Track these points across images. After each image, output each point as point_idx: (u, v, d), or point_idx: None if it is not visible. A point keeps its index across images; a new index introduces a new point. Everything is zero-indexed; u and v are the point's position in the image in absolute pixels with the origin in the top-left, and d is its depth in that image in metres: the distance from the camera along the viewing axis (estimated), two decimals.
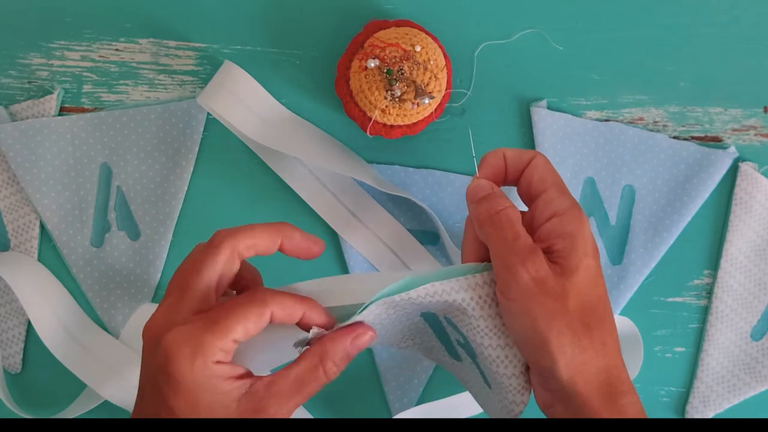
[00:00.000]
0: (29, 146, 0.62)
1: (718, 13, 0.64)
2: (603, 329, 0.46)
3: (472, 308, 0.47)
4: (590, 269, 0.46)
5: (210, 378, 0.43)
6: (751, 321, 0.64)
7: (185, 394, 0.43)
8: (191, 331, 0.43)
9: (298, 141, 0.62)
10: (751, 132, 0.64)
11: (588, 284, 0.46)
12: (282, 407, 0.44)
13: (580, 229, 0.46)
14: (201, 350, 0.42)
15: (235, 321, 0.43)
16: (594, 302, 0.46)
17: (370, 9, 0.63)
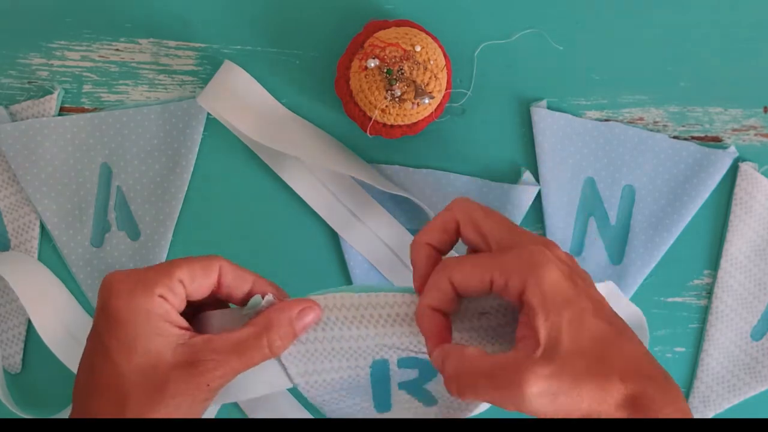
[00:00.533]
0: (29, 146, 0.62)
1: (718, 13, 0.64)
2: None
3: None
4: (569, 325, 0.41)
5: (149, 313, 0.41)
6: (751, 321, 0.64)
7: (122, 330, 0.41)
8: (135, 271, 0.42)
9: (298, 140, 0.62)
10: (751, 132, 0.64)
11: (575, 338, 0.41)
12: (218, 367, 0.42)
13: (545, 293, 0.41)
14: (142, 283, 0.41)
15: (181, 263, 0.43)
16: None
17: (370, 9, 0.63)
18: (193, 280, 0.43)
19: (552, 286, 0.42)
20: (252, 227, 0.64)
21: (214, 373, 0.42)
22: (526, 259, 0.42)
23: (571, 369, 0.41)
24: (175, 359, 0.42)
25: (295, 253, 0.64)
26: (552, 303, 0.41)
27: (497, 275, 0.42)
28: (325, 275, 0.64)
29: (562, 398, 0.40)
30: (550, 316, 0.41)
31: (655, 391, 0.41)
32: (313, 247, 0.64)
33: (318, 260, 0.64)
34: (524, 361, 0.41)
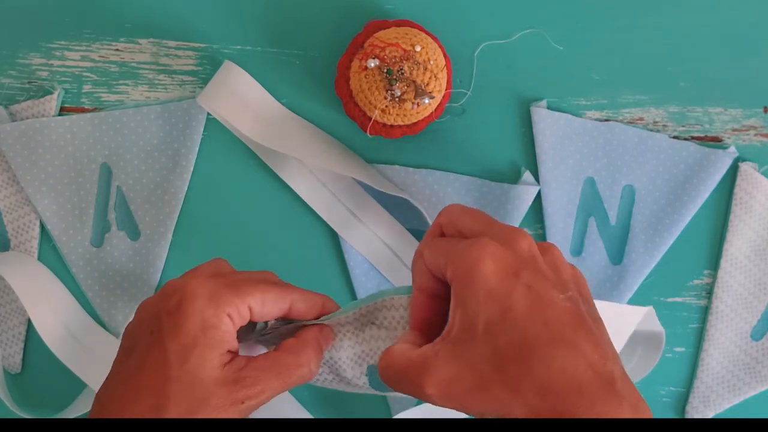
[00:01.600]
0: (29, 146, 0.62)
1: (718, 13, 0.64)
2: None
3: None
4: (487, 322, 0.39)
5: (215, 328, 0.42)
6: (751, 321, 0.64)
7: (186, 336, 0.42)
8: (212, 284, 0.43)
9: (298, 141, 0.62)
10: (751, 132, 0.64)
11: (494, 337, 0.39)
12: (257, 383, 0.43)
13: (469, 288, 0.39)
14: (216, 300, 0.43)
15: (255, 289, 0.44)
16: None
17: (370, 9, 0.63)
18: (262, 308, 0.44)
19: (480, 279, 0.39)
20: (252, 227, 0.64)
21: (253, 390, 0.43)
22: (468, 249, 0.40)
23: (478, 373, 0.38)
24: (222, 375, 0.43)
25: (295, 253, 0.64)
26: (471, 295, 0.39)
27: (442, 261, 0.41)
28: (325, 275, 0.64)
29: (465, 402, 0.39)
30: (463, 309, 0.39)
31: (580, 408, 0.37)
32: (313, 247, 0.64)
33: (318, 260, 0.64)
34: (431, 360, 0.40)
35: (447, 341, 0.40)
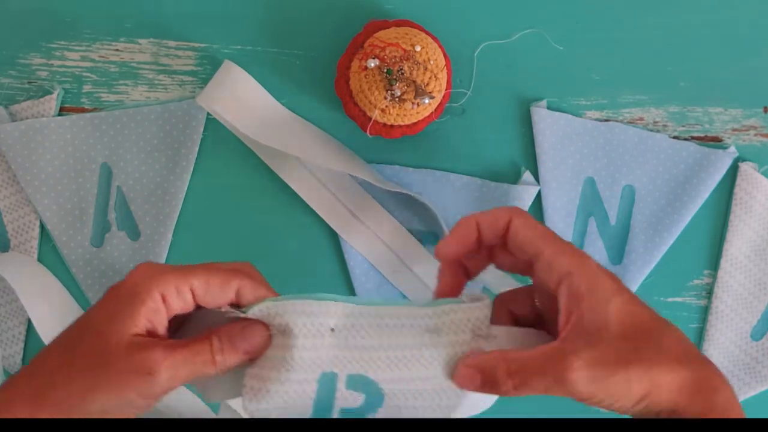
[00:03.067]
0: (29, 146, 0.62)
1: (718, 13, 0.64)
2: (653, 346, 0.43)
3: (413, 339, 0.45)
4: (618, 312, 0.43)
5: (140, 300, 0.42)
6: (751, 321, 0.64)
7: (114, 301, 0.43)
8: (161, 265, 0.44)
9: (297, 140, 0.62)
10: (751, 132, 0.64)
11: (623, 323, 0.43)
12: (166, 357, 0.42)
13: (593, 281, 0.43)
14: (154, 275, 0.43)
15: (201, 271, 0.43)
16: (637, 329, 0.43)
17: (370, 9, 0.63)
18: (206, 293, 0.43)
19: (597, 272, 0.43)
20: (252, 227, 0.64)
21: (157, 365, 0.41)
22: (572, 249, 0.44)
23: (617, 353, 0.41)
24: (127, 342, 0.42)
25: (295, 253, 0.64)
26: (598, 286, 0.43)
27: (542, 261, 0.44)
28: (325, 275, 0.64)
29: (610, 383, 0.41)
30: (595, 301, 0.42)
31: (713, 374, 0.43)
32: (313, 247, 0.64)
33: (318, 260, 0.64)
34: (569, 347, 0.42)
35: (573, 335, 0.42)
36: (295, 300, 0.45)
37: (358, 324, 0.45)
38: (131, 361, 0.41)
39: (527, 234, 0.45)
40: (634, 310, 0.43)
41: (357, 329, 0.45)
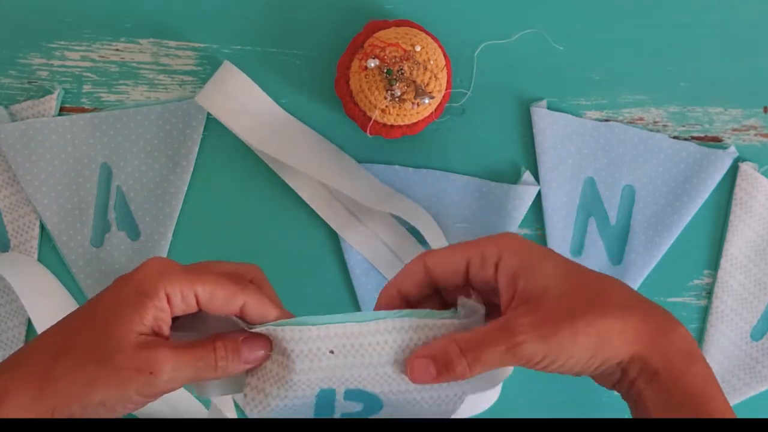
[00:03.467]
0: (29, 146, 0.62)
1: (718, 13, 0.64)
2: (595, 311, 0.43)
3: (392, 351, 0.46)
4: (554, 275, 0.44)
5: (147, 297, 0.42)
6: (751, 321, 0.64)
7: (120, 297, 0.43)
8: (170, 263, 0.44)
9: (293, 148, 0.62)
10: (751, 132, 0.64)
11: (562, 284, 0.44)
12: (168, 360, 0.42)
13: (524, 254, 0.44)
14: (161, 276, 0.43)
15: (209, 279, 0.44)
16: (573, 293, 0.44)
17: (370, 9, 0.63)
18: (209, 302, 0.44)
19: (528, 247, 0.45)
20: (252, 227, 0.64)
21: (160, 365, 0.42)
22: (501, 235, 0.46)
23: (559, 310, 0.43)
24: (132, 340, 0.42)
25: (295, 253, 0.64)
26: (529, 258, 0.44)
27: (474, 252, 0.45)
28: (325, 275, 0.64)
29: (557, 340, 0.42)
30: (525, 270, 0.44)
31: (662, 315, 0.44)
32: (313, 247, 0.64)
33: (318, 260, 0.64)
34: (514, 317, 0.43)
35: (515, 306, 0.44)
36: (295, 326, 0.45)
37: (357, 343, 0.46)
38: (136, 359, 0.42)
39: (445, 263, 0.46)
40: (571, 269, 0.44)
41: (356, 349, 0.46)
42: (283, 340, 0.45)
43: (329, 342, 0.46)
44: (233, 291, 0.44)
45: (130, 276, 0.44)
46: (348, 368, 0.46)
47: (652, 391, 0.43)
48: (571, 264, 0.45)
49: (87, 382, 0.41)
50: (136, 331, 0.42)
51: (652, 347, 0.43)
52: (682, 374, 0.43)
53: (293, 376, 0.45)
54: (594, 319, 0.43)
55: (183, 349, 0.43)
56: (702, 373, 0.43)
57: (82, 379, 0.41)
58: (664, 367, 0.43)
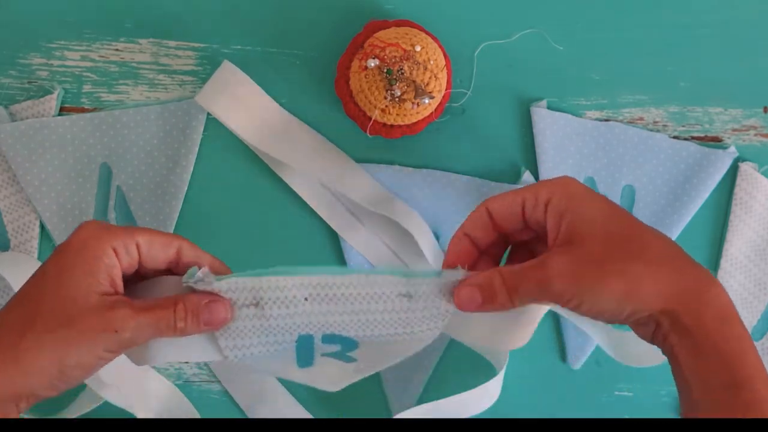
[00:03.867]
0: (29, 146, 0.62)
1: (718, 13, 0.64)
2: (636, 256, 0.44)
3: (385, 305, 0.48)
4: (599, 218, 0.45)
5: (95, 257, 0.44)
6: (751, 321, 0.64)
7: (65, 259, 0.44)
8: (105, 223, 0.46)
9: (293, 148, 0.62)
10: (751, 132, 0.64)
11: (605, 228, 0.45)
12: (129, 320, 0.44)
13: (573, 195, 0.46)
14: (101, 233, 0.45)
15: (145, 230, 0.46)
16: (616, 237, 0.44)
17: (370, 9, 0.63)
18: (149, 249, 0.46)
19: (579, 189, 0.46)
20: (252, 227, 0.64)
21: (124, 323, 0.44)
22: (557, 178, 0.47)
23: (594, 252, 0.44)
24: (92, 302, 0.44)
25: (295, 253, 0.64)
26: (576, 201, 0.45)
27: (528, 194, 0.46)
28: None
29: (586, 280, 0.43)
30: (571, 211, 0.45)
31: (700, 273, 0.44)
32: (313, 247, 0.64)
33: (318, 260, 0.64)
34: (553, 254, 0.45)
35: (558, 245, 0.45)
36: (272, 276, 0.47)
37: (332, 293, 0.48)
38: (100, 319, 0.44)
39: (503, 206, 0.48)
40: (616, 215, 0.45)
41: (330, 298, 0.48)
42: (259, 289, 0.47)
43: (304, 290, 0.48)
44: (168, 237, 0.47)
45: (70, 242, 0.45)
46: (322, 314, 0.48)
47: (683, 347, 0.43)
48: (617, 210, 0.45)
49: (60, 347, 0.43)
50: (95, 292, 0.44)
51: (685, 303, 0.43)
52: (714, 332, 0.42)
53: (270, 322, 0.48)
54: (626, 267, 0.43)
55: (144, 309, 0.45)
56: (736, 334, 0.43)
57: (54, 346, 0.43)
58: (696, 324, 0.43)
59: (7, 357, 0.43)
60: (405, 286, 0.48)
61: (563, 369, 0.64)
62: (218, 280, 0.47)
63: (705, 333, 0.42)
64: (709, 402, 0.42)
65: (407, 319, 0.49)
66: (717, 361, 0.42)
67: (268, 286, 0.48)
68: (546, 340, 0.63)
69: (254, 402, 0.63)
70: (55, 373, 0.43)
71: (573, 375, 0.63)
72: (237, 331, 0.49)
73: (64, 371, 0.44)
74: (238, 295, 0.48)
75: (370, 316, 0.49)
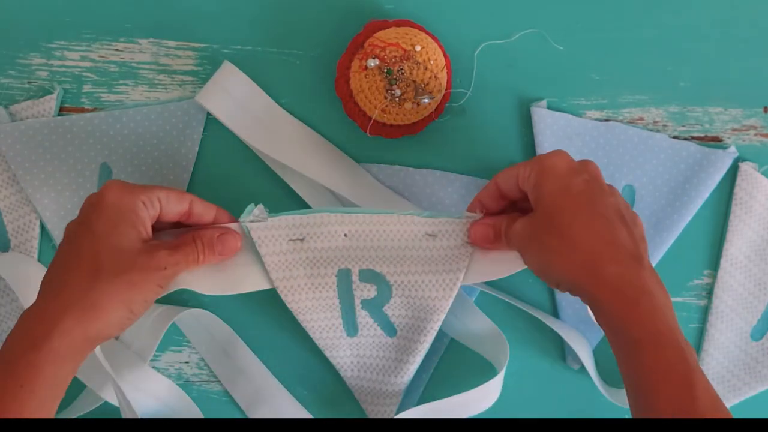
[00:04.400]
0: (29, 146, 0.62)
1: (718, 13, 0.64)
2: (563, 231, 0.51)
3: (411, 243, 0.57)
4: (547, 193, 0.52)
5: (132, 210, 0.52)
6: (751, 321, 0.64)
7: (109, 216, 0.52)
8: (126, 183, 0.53)
9: (293, 148, 0.62)
10: (751, 132, 0.64)
11: (546, 207, 0.52)
12: (168, 257, 0.53)
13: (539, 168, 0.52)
14: (130, 190, 0.53)
15: (161, 187, 0.54)
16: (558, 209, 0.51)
17: (370, 9, 0.63)
18: (168, 201, 0.54)
19: (551, 164, 0.52)
20: None
21: (166, 261, 0.53)
22: (547, 153, 0.53)
23: (538, 222, 0.52)
24: (140, 248, 0.52)
25: None
26: (542, 175, 0.52)
27: (522, 169, 0.53)
28: None
29: (527, 242, 0.52)
30: (538, 185, 0.52)
31: (604, 262, 0.49)
32: None
33: None
34: (516, 218, 0.54)
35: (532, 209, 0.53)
36: (316, 213, 0.56)
37: (368, 230, 0.57)
38: (150, 261, 0.52)
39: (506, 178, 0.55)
40: (570, 195, 0.51)
41: (366, 234, 0.57)
42: (306, 225, 0.56)
43: (344, 227, 0.57)
44: (181, 193, 0.55)
45: (104, 199, 0.52)
46: (359, 249, 0.57)
47: (597, 317, 0.51)
48: (573, 189, 0.51)
49: (126, 288, 0.51)
50: (139, 240, 0.52)
51: (586, 284, 0.50)
52: (607, 302, 0.49)
53: (314, 255, 0.57)
54: (542, 246, 0.51)
55: (175, 248, 0.53)
56: (643, 309, 0.49)
57: (122, 288, 0.51)
58: (598, 301, 0.49)
59: (85, 304, 0.50)
60: (430, 226, 0.56)
61: (563, 369, 0.64)
62: (270, 216, 0.56)
63: (602, 304, 0.49)
64: (618, 360, 0.50)
65: (432, 257, 0.56)
66: (615, 326, 0.49)
67: (313, 222, 0.56)
68: (546, 340, 0.63)
69: (254, 402, 0.63)
70: (126, 312, 0.51)
71: (573, 375, 0.63)
72: (285, 264, 0.57)
73: (132, 309, 0.52)
74: (286, 231, 0.56)
75: (400, 252, 0.57)
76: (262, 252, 0.57)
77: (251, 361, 0.63)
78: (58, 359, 0.49)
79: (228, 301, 0.63)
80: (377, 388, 0.61)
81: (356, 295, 0.58)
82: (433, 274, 0.57)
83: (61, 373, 0.50)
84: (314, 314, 0.59)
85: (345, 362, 0.61)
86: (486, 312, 0.61)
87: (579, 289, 0.50)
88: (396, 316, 0.59)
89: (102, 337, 0.51)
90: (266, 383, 0.63)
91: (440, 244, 0.56)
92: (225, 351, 0.63)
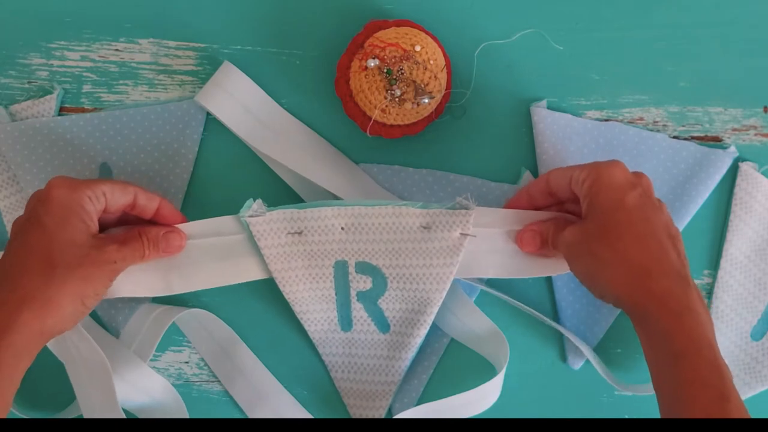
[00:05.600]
0: (29, 146, 0.62)
1: (718, 13, 0.64)
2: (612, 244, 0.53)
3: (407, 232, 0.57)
4: (599, 205, 0.53)
5: (80, 205, 0.53)
6: (751, 321, 0.64)
7: (59, 211, 0.52)
8: (71, 179, 0.54)
9: (293, 149, 0.62)
10: (751, 132, 0.64)
11: (597, 219, 0.53)
12: (118, 251, 0.54)
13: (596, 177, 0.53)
14: (76, 186, 0.53)
15: (105, 181, 0.55)
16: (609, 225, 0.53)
17: (370, 9, 0.63)
18: (113, 194, 0.54)
19: (608, 175, 0.53)
20: None
21: (116, 255, 0.54)
22: (604, 162, 0.54)
23: (584, 238, 0.53)
24: (91, 242, 0.53)
25: None
26: (596, 184, 0.53)
27: (576, 172, 0.54)
28: None
29: (571, 262, 0.54)
30: (591, 195, 0.53)
31: (661, 274, 0.51)
32: None
33: None
34: (571, 223, 0.55)
35: (578, 221, 0.55)
36: (314, 207, 0.57)
37: (364, 223, 0.57)
38: (101, 255, 0.53)
39: (558, 177, 0.56)
40: (615, 207, 0.52)
41: (363, 227, 0.57)
42: (303, 219, 0.57)
43: (341, 220, 0.57)
44: (125, 184, 0.55)
45: (51, 195, 0.53)
46: (356, 242, 0.58)
47: (639, 329, 0.52)
48: (626, 205, 0.52)
49: (80, 283, 0.52)
50: (88, 234, 0.53)
51: (634, 296, 0.51)
52: (654, 316, 0.50)
53: (312, 248, 0.58)
54: (592, 256, 0.52)
55: (123, 242, 0.55)
56: (687, 324, 0.50)
57: (76, 283, 0.52)
58: (644, 313, 0.51)
59: (38, 299, 0.51)
60: (425, 218, 0.56)
61: (563, 369, 0.64)
62: (269, 210, 0.57)
63: (648, 316, 0.51)
64: (655, 370, 0.51)
65: (427, 249, 0.57)
66: (658, 338, 0.51)
67: (311, 216, 0.57)
68: (546, 340, 0.63)
69: (254, 402, 0.63)
70: (79, 306, 0.52)
71: (573, 375, 0.63)
72: (284, 255, 0.58)
73: (85, 302, 0.53)
74: (284, 224, 0.57)
75: (396, 245, 0.57)
76: (261, 245, 0.57)
77: (251, 361, 0.63)
78: (17, 353, 0.50)
79: (228, 301, 0.63)
80: (366, 389, 0.61)
81: (352, 287, 0.60)
82: (428, 267, 0.58)
83: (21, 366, 0.50)
84: (311, 305, 0.60)
85: (336, 361, 0.62)
86: (486, 312, 0.61)
87: (625, 301, 0.52)
88: (390, 309, 0.60)
89: (56, 332, 0.52)
90: (266, 383, 0.63)
91: (434, 236, 0.57)
92: (225, 351, 0.63)
